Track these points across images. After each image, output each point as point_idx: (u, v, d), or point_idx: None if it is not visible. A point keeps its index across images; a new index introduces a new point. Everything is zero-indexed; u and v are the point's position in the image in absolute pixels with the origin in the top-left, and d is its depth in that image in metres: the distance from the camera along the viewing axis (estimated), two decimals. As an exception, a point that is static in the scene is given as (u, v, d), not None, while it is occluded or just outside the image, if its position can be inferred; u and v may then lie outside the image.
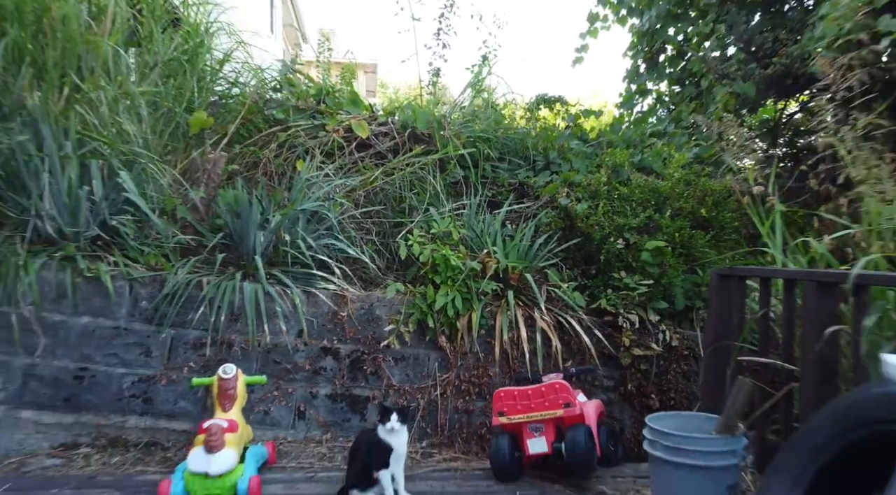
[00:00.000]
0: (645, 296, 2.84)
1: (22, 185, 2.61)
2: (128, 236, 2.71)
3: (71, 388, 2.55)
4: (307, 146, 3.39)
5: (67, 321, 2.57)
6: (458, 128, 3.59)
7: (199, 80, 3.37)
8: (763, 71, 3.22)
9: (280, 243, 2.83)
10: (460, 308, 2.71)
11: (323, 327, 2.73)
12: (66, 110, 2.73)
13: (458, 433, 2.69)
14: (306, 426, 2.68)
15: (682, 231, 3.00)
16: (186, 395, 2.60)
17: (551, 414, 2.23)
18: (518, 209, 3.31)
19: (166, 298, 2.60)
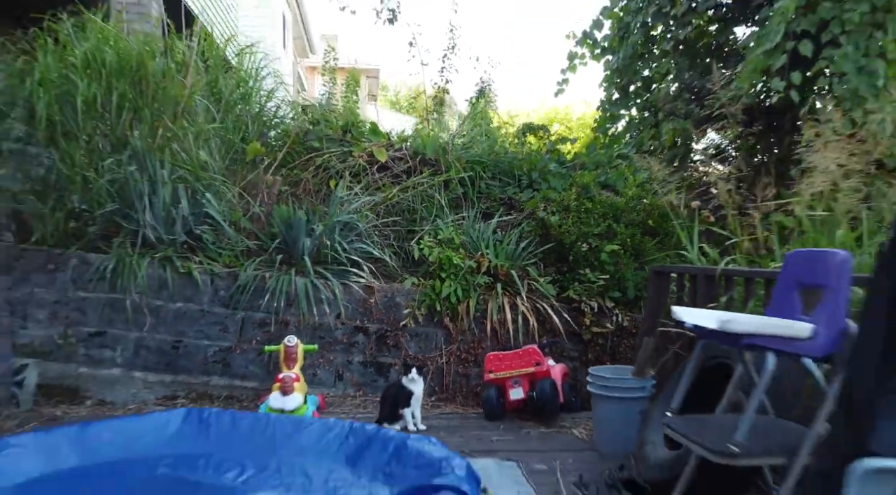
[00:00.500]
0: (603, 288, 3.68)
1: (131, 204, 3.46)
2: (208, 241, 3.56)
3: (169, 356, 3.41)
4: (338, 169, 4.24)
5: (166, 305, 3.43)
6: (459, 153, 4.44)
7: (252, 116, 4.23)
8: (699, 110, 4.05)
9: (322, 247, 3.67)
10: (461, 296, 3.56)
11: (356, 311, 3.58)
12: (161, 145, 3.58)
13: (458, 390, 3.54)
14: (344, 385, 3.53)
15: (634, 237, 3.84)
16: (254, 361, 3.46)
17: (526, 371, 3.08)
18: (506, 219, 4.15)
19: (239, 289, 3.46)
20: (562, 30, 42.35)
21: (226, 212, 3.68)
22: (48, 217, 3.46)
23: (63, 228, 3.49)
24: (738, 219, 2.82)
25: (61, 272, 3.39)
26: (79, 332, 3.35)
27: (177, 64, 3.90)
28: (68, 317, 3.36)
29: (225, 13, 6.79)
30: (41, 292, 3.36)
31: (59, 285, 3.37)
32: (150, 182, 3.47)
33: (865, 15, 3.25)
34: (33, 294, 3.35)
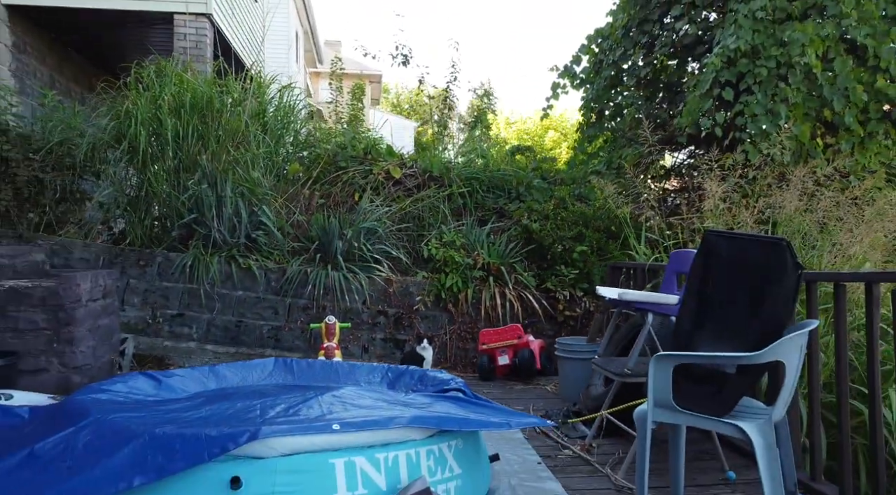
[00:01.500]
0: (574, 280, 4.64)
1: (203, 214, 4.42)
2: (262, 243, 4.52)
3: (233, 332, 4.37)
4: (360, 184, 5.20)
5: (230, 293, 4.39)
6: (459, 171, 5.40)
7: (291, 141, 5.19)
8: (654, 136, 5.00)
9: (351, 248, 4.63)
10: (461, 286, 4.52)
11: (378, 298, 4.54)
12: (225, 168, 4.54)
13: (459, 360, 4.49)
14: (369, 357, 4.49)
15: (600, 240, 4.79)
16: (299, 337, 4.41)
17: (510, 343, 4.04)
18: (498, 225, 5.11)
19: (287, 280, 4.41)
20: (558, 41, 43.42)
21: (275, 220, 4.63)
22: (138, 224, 4.43)
23: (149, 233, 4.45)
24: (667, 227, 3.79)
25: (150, 267, 4.35)
26: (164, 314, 4.31)
27: (233, 100, 4.86)
28: (155, 302, 4.32)
29: (256, 46, 7.77)
30: (135, 282, 4.32)
31: (148, 277, 4.34)
32: (218, 197, 4.43)
33: (772, 70, 4.22)
34: (129, 284, 4.31)
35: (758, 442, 1.70)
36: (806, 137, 4.20)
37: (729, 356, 1.86)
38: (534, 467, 2.47)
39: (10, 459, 1.73)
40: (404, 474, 1.82)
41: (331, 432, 1.76)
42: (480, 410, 2.09)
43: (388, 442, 1.84)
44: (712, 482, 2.33)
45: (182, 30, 5.51)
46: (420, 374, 2.62)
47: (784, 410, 1.77)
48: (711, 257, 2.12)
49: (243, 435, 1.67)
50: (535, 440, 2.84)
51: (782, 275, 1.92)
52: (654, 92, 5.74)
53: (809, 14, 4.54)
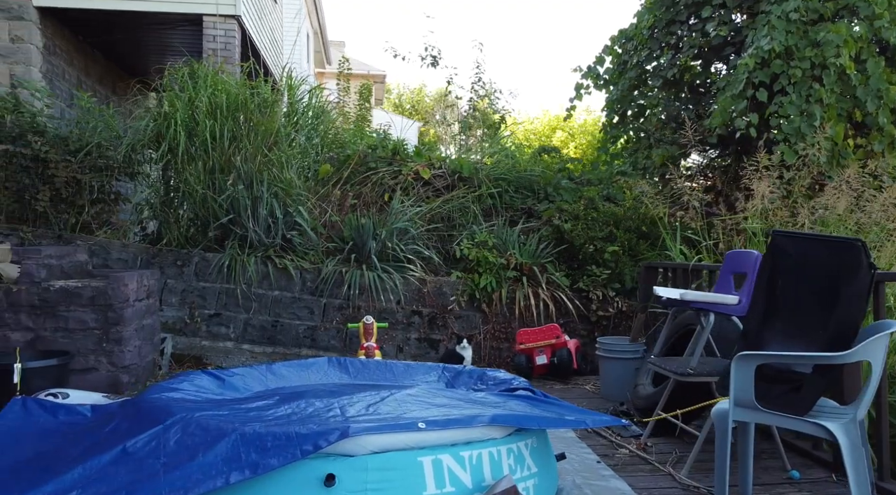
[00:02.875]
0: (606, 280, 4.66)
1: (239, 214, 4.44)
2: (297, 243, 4.54)
3: (270, 332, 4.39)
4: (391, 185, 5.22)
5: (267, 293, 4.41)
6: (489, 171, 5.42)
7: (321, 141, 5.21)
8: (683, 137, 5.03)
9: (385, 248, 4.65)
10: (494, 286, 4.54)
11: (412, 298, 4.56)
12: (260, 169, 4.56)
13: (493, 360, 4.51)
14: (404, 356, 4.51)
15: (631, 240, 4.81)
16: (335, 336, 4.43)
17: (548, 343, 4.06)
18: (528, 226, 5.13)
19: (322, 280, 4.43)
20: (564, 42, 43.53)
21: (309, 220, 4.66)
22: (174, 224, 4.45)
23: (185, 233, 4.47)
24: (706, 227, 3.81)
25: (187, 267, 4.37)
26: (201, 314, 4.33)
27: (265, 101, 4.88)
28: (193, 302, 4.34)
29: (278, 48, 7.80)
30: (172, 282, 4.35)
31: (185, 277, 4.36)
32: (253, 197, 4.45)
33: (806, 71, 4.24)
34: (167, 284, 4.34)
35: (844, 442, 1.71)
36: (840, 138, 4.22)
37: (818, 355, 1.88)
38: (594, 466, 2.49)
39: (102, 457, 1.75)
40: (488, 472, 1.84)
41: (417, 430, 1.78)
42: (553, 409, 2.11)
43: (470, 441, 1.86)
44: (776, 481, 2.35)
45: (211, 31, 5.54)
46: (479, 374, 2.64)
47: (867, 409, 1.79)
48: (780, 257, 2.14)
49: (334, 433, 1.69)
50: (587, 439, 2.86)
51: (856, 275, 1.94)
52: (678, 93, 5.75)
53: (842, 15, 4.56)
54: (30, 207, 4.26)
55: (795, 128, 4.14)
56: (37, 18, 5.34)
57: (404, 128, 6.63)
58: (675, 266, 3.83)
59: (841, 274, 1.97)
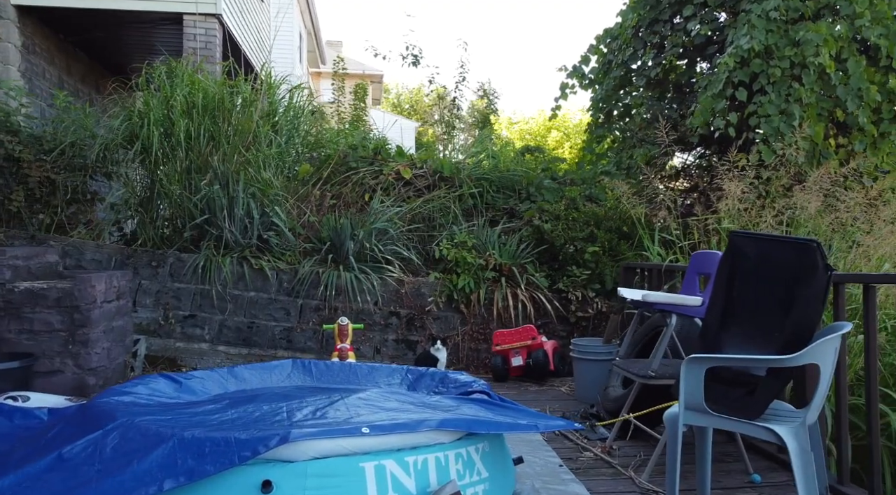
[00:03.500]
0: (586, 281, 4.62)
1: (215, 215, 4.41)
2: (274, 244, 4.51)
3: (245, 333, 4.35)
4: (371, 184, 5.18)
5: (243, 294, 4.38)
6: (469, 171, 5.38)
7: (301, 141, 5.18)
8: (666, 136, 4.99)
9: (363, 248, 4.61)
10: (473, 287, 4.50)
11: (390, 299, 4.52)
12: (236, 168, 4.52)
13: (471, 361, 4.48)
14: (381, 358, 4.47)
15: (611, 240, 4.78)
16: (311, 338, 4.40)
17: (524, 344, 4.03)
18: (509, 226, 5.10)
19: (299, 281, 4.40)
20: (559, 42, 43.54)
21: (286, 220, 4.62)
22: (149, 225, 4.42)
23: (161, 234, 4.44)
24: (683, 227, 3.77)
25: (162, 268, 4.34)
26: (176, 315, 4.30)
27: (244, 100, 4.85)
28: (168, 303, 4.31)
29: (265, 47, 7.76)
30: (147, 283, 4.31)
31: (160, 278, 4.32)
32: (230, 197, 4.41)
33: (786, 70, 4.21)
34: (141, 285, 4.30)
35: (792, 446, 1.68)
36: (820, 138, 4.19)
37: (764, 358, 1.84)
38: (555, 469, 2.46)
39: (38, 463, 1.72)
40: (434, 478, 1.81)
41: (360, 435, 1.74)
42: (507, 413, 2.08)
43: (417, 446, 1.83)
44: (737, 485, 2.32)
45: (191, 30, 5.50)
46: (441, 376, 2.61)
47: (817, 413, 1.76)
48: (738, 258, 2.11)
49: (273, 439, 1.66)
50: (553, 442, 2.83)
51: (812, 276, 1.91)
52: (663, 92, 5.72)
53: (822, 14, 4.53)
54: (3, 207, 4.23)
55: (774, 128, 4.11)
56: (15, 17, 5.30)
57: (402, 128, 6.61)
58: (651, 266, 3.79)
59: (797, 275, 1.94)
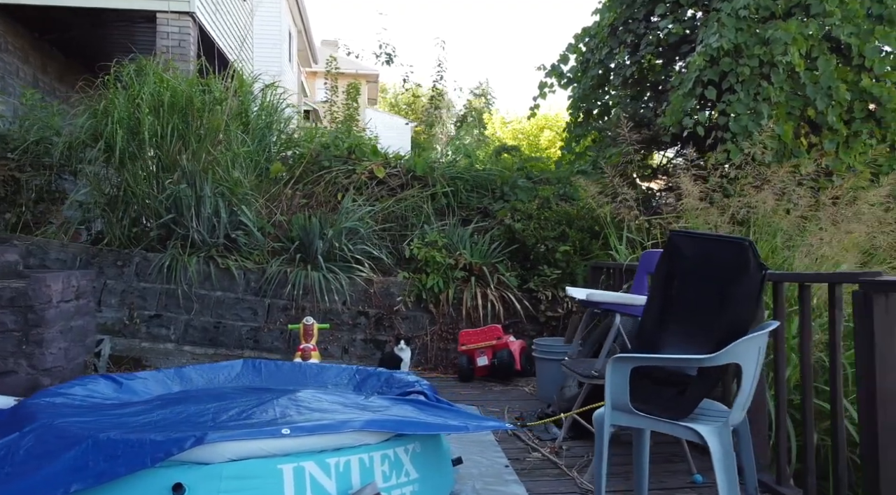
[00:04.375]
0: (557, 280, 4.60)
1: (182, 214, 4.38)
2: (242, 243, 4.48)
3: (212, 333, 4.33)
4: (344, 184, 5.16)
5: (209, 294, 4.35)
6: (444, 171, 5.36)
7: (275, 140, 5.15)
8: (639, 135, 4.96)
9: (332, 248, 4.59)
10: (442, 287, 4.48)
11: (359, 298, 4.50)
12: (205, 167, 4.50)
13: (440, 361, 4.46)
14: (349, 358, 4.45)
15: (583, 240, 4.76)
16: (279, 338, 4.37)
17: (489, 344, 4.00)
18: (482, 225, 5.07)
19: (266, 281, 4.37)
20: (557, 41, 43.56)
21: (255, 219, 4.59)
22: (116, 224, 4.39)
23: (128, 233, 4.41)
24: (646, 226, 3.76)
25: (128, 267, 4.31)
26: (141, 315, 4.27)
27: (214, 99, 4.82)
28: (133, 302, 4.28)
29: (247, 47, 7.73)
30: (112, 283, 4.28)
31: (126, 277, 4.30)
32: (197, 196, 4.39)
33: (755, 69, 4.19)
34: (106, 284, 4.27)
35: (714, 446, 1.66)
36: (788, 137, 4.17)
37: (683, 358, 1.82)
38: (500, 470, 2.44)
39: (-48, 465, 1.69)
40: (356, 479, 1.79)
41: (280, 436, 1.72)
42: (440, 413, 2.05)
43: (341, 447, 1.81)
44: (679, 485, 2.30)
45: (165, 28, 5.47)
46: (387, 376, 2.59)
47: (742, 413, 1.73)
48: (676, 258, 2.08)
49: (188, 440, 1.64)
50: (506, 442, 2.81)
51: (744, 275, 1.89)
52: (640, 91, 5.70)
53: (794, 13, 4.51)
54: (-33, 206, 4.21)
55: (743, 127, 4.09)
56: (-15, 15, 5.27)
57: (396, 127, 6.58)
58: (615, 266, 3.77)
59: (730, 274, 1.92)
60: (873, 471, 1.63)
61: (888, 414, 1.62)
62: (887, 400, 1.63)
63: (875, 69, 4.41)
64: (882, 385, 1.63)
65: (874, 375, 1.63)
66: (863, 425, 1.67)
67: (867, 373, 1.66)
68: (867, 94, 4.47)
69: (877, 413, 1.62)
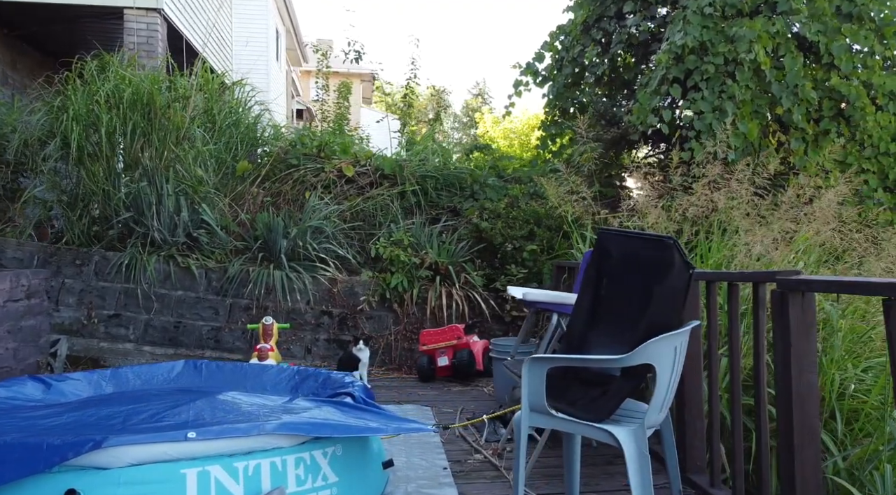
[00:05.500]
0: (524, 279, 4.56)
1: (142, 213, 4.32)
2: (204, 242, 4.43)
3: (172, 333, 4.27)
4: (312, 182, 5.11)
5: (169, 293, 4.29)
6: (414, 169, 5.31)
7: (240, 138, 5.10)
8: (608, 134, 4.93)
9: (296, 247, 4.54)
10: (406, 286, 4.43)
11: (322, 298, 4.45)
12: (166, 165, 4.44)
13: (404, 362, 4.41)
14: (312, 357, 4.40)
15: (552, 239, 4.72)
16: (240, 338, 4.32)
17: (450, 344, 3.96)
18: (450, 224, 5.03)
19: (228, 280, 4.32)
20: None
21: (218, 218, 4.54)
22: (76, 222, 4.33)
23: (87, 232, 4.35)
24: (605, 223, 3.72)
25: (86, 266, 4.25)
26: (100, 314, 4.21)
27: (179, 96, 4.76)
28: (92, 302, 4.22)
29: (222, 44, 7.67)
30: (70, 282, 4.23)
31: (84, 277, 4.24)
32: (158, 195, 4.33)
33: (720, 66, 4.15)
34: (64, 283, 4.22)
35: (629, 448, 1.62)
36: (753, 135, 4.13)
37: (595, 359, 1.78)
38: (438, 473, 2.39)
39: None
40: (266, 483, 1.74)
41: (185, 440, 1.67)
42: (362, 416, 2.01)
43: (252, 450, 1.76)
44: (614, 488, 2.26)
45: (132, 25, 5.41)
46: (324, 377, 2.54)
47: (658, 414, 1.69)
48: (604, 256, 2.05)
49: (87, 444, 1.59)
50: (453, 444, 2.77)
51: (668, 273, 1.85)
52: (613, 89, 5.66)
53: (761, 10, 4.48)
54: (-78, 205, 4.14)
55: (707, 125, 4.05)
56: (-51, 11, 5.20)
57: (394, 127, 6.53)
58: (575, 265, 3.73)
59: (655, 272, 1.88)
60: (789, 470, 1.59)
61: (804, 413, 1.58)
62: (803, 399, 1.59)
63: (842, 67, 4.37)
64: (798, 385, 1.59)
65: (790, 375, 1.59)
66: (780, 424, 1.63)
67: (784, 373, 1.62)
68: (836, 93, 4.44)
69: (793, 412, 1.58)
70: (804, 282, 1.58)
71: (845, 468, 2.15)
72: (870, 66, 4.53)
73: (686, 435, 2.25)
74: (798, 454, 1.57)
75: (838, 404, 2.26)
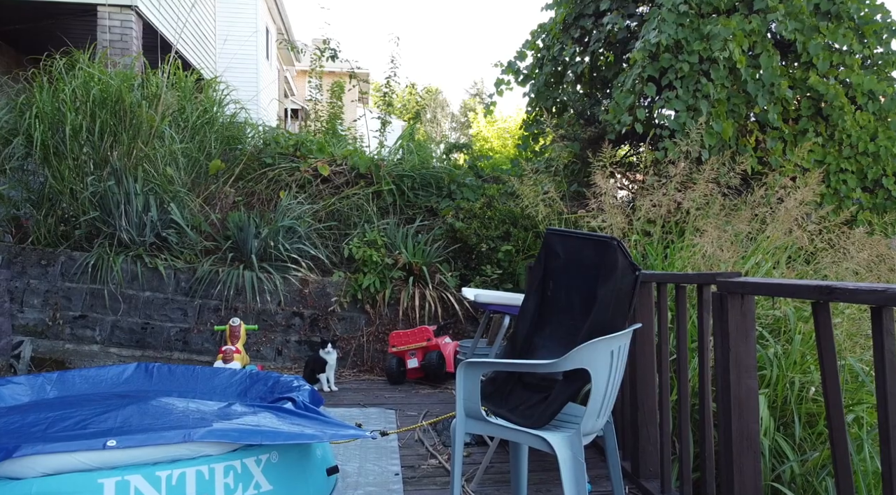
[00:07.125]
0: (498, 280, 4.50)
1: (109, 212, 4.26)
2: (173, 242, 4.36)
3: (139, 335, 4.21)
4: (287, 181, 5.04)
5: (137, 294, 4.23)
6: (391, 168, 5.25)
7: (214, 137, 5.03)
8: (585, 133, 4.88)
9: (267, 247, 4.48)
10: (378, 287, 4.37)
11: (293, 299, 4.39)
12: (135, 164, 4.38)
13: (375, 363, 4.35)
14: (283, 359, 4.34)
15: (527, 239, 4.66)
16: (209, 339, 4.26)
17: (419, 345, 3.90)
18: (425, 224, 4.97)
19: (197, 281, 4.25)
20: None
21: (188, 218, 4.48)
22: (42, 222, 4.26)
23: (53, 231, 4.28)
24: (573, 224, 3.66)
25: (52, 267, 4.18)
26: (66, 316, 4.15)
27: (151, 95, 4.70)
28: (57, 303, 4.15)
29: (207, 43, 7.60)
30: (35, 283, 4.16)
31: (50, 277, 4.17)
32: (126, 194, 4.27)
33: (694, 65, 4.10)
34: (29, 284, 4.15)
35: (563, 454, 1.56)
36: (727, 134, 4.08)
37: (525, 363, 1.73)
38: (389, 479, 2.33)
39: None
40: (192, 492, 1.68)
41: (103, 448, 1.61)
42: (300, 422, 1.95)
43: (178, 459, 1.70)
44: None
45: (106, 22, 5.34)
46: (274, 381, 2.48)
47: (597, 420, 1.64)
48: (550, 257, 1.99)
49: (-2, 452, 1.53)
50: (410, 448, 2.71)
51: (612, 275, 1.79)
52: (594, 88, 5.61)
53: (737, 8, 4.43)
54: None
55: (681, 124, 4.00)
56: (-82, 8, 5.13)
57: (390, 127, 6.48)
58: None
59: (599, 274, 1.82)
60: (728, 478, 1.54)
61: (742, 420, 1.53)
62: (742, 405, 1.53)
63: (819, 66, 4.33)
64: (737, 390, 1.54)
65: (729, 379, 1.54)
66: (720, 431, 1.58)
67: (723, 377, 1.56)
68: (814, 92, 4.39)
69: (731, 419, 1.53)
70: (742, 285, 1.53)
71: (801, 474, 2.10)
72: (849, 65, 4.49)
73: (640, 440, 2.19)
74: (736, 461, 1.51)
75: (796, 408, 2.21)
